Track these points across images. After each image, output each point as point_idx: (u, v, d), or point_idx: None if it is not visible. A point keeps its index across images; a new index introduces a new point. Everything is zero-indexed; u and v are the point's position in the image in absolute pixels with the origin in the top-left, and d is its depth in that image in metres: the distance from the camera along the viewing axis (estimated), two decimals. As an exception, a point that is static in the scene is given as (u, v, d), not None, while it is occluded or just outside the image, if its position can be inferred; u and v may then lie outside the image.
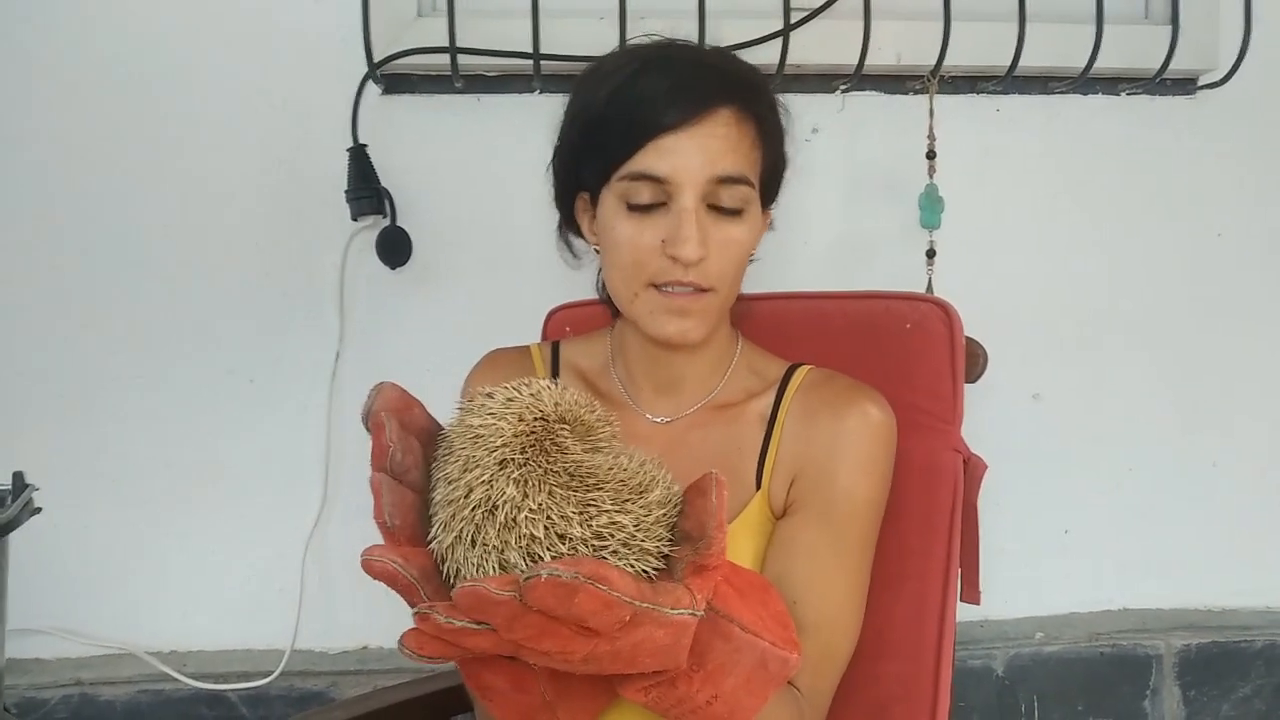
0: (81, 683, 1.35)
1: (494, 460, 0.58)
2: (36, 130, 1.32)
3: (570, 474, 0.59)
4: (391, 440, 0.60)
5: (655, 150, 0.78)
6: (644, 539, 0.59)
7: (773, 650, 0.63)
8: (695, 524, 0.59)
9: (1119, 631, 1.48)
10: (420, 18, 1.32)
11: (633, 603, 0.53)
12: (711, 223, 0.80)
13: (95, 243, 1.34)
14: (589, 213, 0.87)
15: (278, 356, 1.37)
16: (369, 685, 1.34)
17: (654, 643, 0.56)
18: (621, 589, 0.53)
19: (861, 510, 0.83)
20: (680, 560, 0.59)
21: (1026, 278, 1.44)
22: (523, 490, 0.57)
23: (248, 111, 1.34)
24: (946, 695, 0.91)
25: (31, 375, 1.34)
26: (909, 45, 1.34)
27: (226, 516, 1.38)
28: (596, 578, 0.52)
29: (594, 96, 0.82)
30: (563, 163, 0.88)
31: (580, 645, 0.54)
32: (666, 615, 0.55)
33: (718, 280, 0.81)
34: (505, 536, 0.56)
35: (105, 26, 1.31)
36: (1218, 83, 1.40)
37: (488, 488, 0.57)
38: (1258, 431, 1.50)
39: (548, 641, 0.54)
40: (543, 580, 0.51)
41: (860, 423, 0.84)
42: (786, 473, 0.85)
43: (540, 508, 0.57)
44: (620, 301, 0.85)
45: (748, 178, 0.81)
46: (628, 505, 0.59)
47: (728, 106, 0.80)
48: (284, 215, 1.35)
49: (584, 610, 0.52)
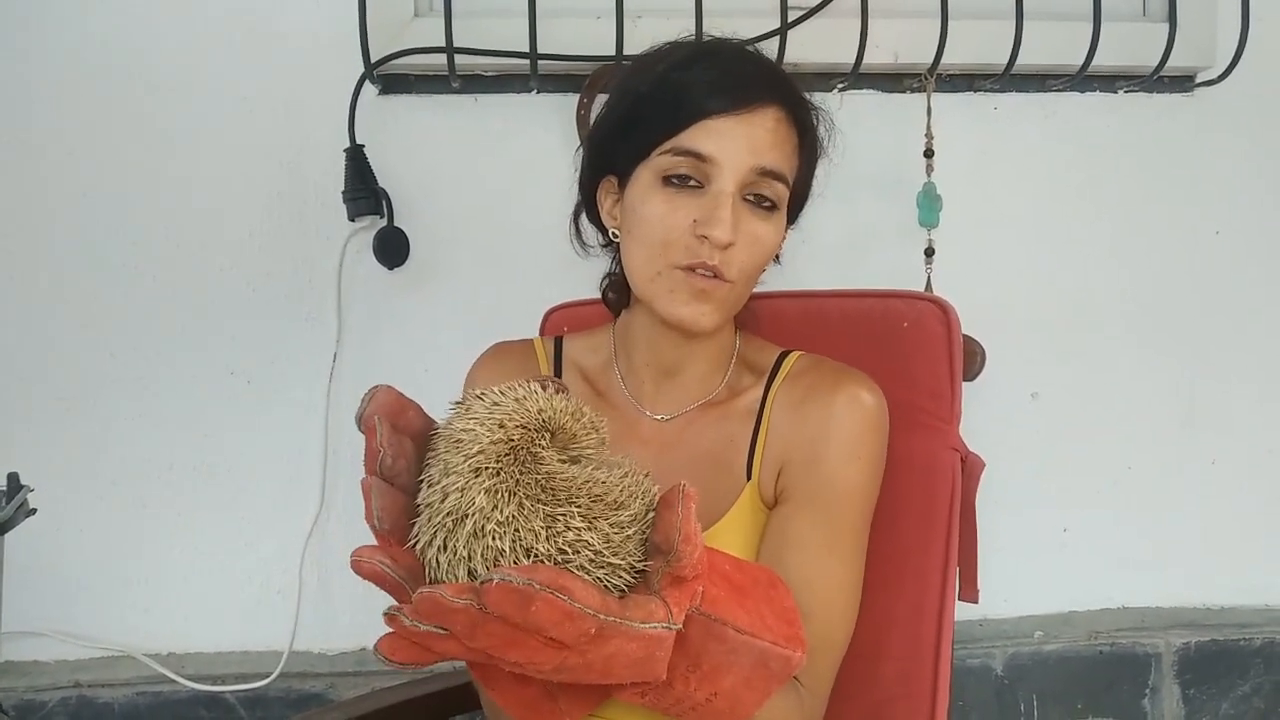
0: (80, 685, 1.35)
1: (469, 468, 0.58)
2: (35, 132, 1.32)
3: (543, 486, 0.58)
4: (382, 445, 0.60)
5: (703, 130, 0.79)
6: (611, 556, 0.58)
7: (773, 649, 0.63)
8: (664, 538, 0.59)
9: (1118, 630, 1.48)
10: (417, 18, 1.32)
11: (596, 615, 0.53)
12: (744, 214, 0.81)
13: (93, 243, 1.33)
14: (614, 195, 0.87)
15: (275, 357, 1.37)
16: (367, 686, 1.34)
17: (627, 656, 0.56)
18: (583, 600, 0.53)
19: (852, 495, 0.83)
20: (655, 573, 0.59)
21: (1025, 276, 1.44)
22: (493, 501, 0.57)
23: (245, 112, 1.34)
24: (945, 694, 0.91)
25: (29, 375, 1.34)
26: (906, 44, 1.34)
27: (224, 517, 1.38)
28: (556, 587, 0.52)
29: (643, 78, 0.83)
30: (599, 140, 0.88)
31: (548, 657, 0.54)
32: (637, 629, 0.55)
33: (739, 273, 0.81)
34: (473, 546, 0.56)
35: (104, 29, 1.31)
36: (1215, 80, 1.40)
37: (460, 495, 0.57)
38: (1256, 429, 1.50)
39: (514, 652, 0.54)
40: (494, 585, 0.51)
41: (848, 407, 0.84)
42: (775, 462, 0.85)
43: (508, 520, 0.57)
44: (638, 280, 0.84)
45: (786, 177, 0.82)
46: (597, 522, 0.58)
47: (776, 105, 0.81)
48: (281, 216, 1.35)
49: (543, 619, 0.52)
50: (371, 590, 0.58)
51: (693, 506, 0.58)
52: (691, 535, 0.58)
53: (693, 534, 0.58)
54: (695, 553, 0.58)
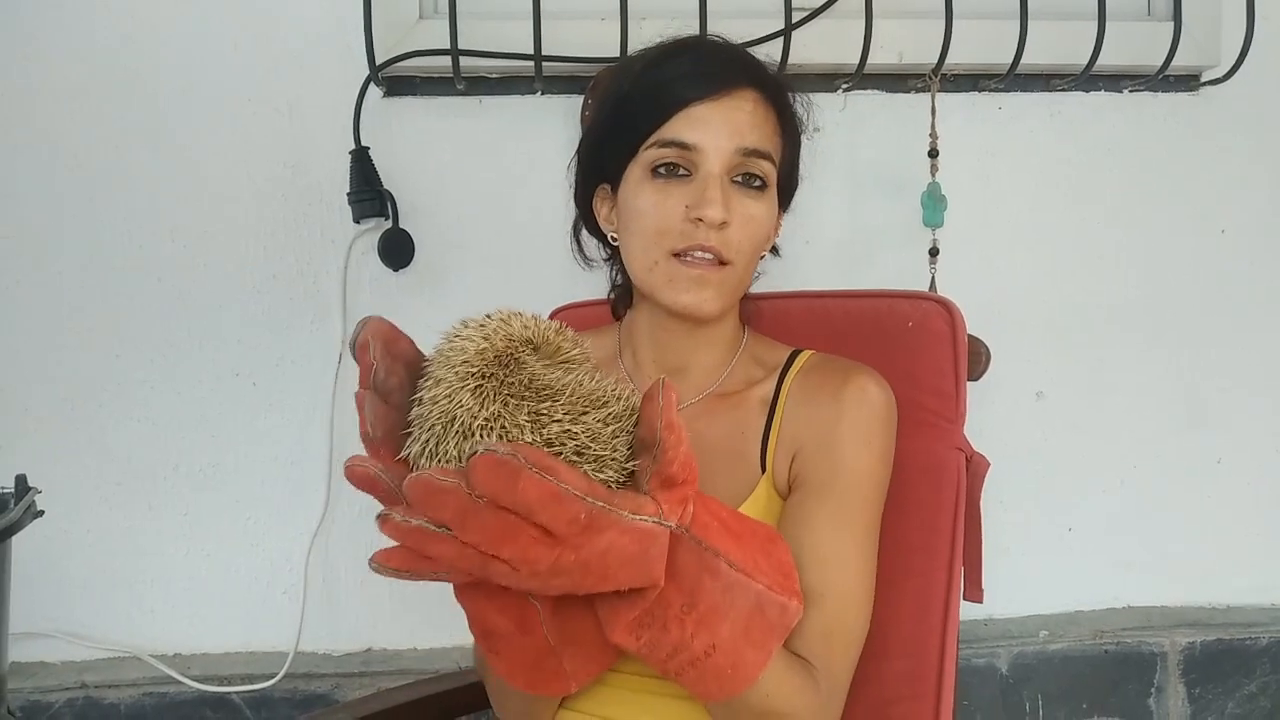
0: (86, 686, 1.35)
1: (455, 375, 0.60)
2: (41, 135, 1.32)
3: (526, 386, 0.60)
4: (375, 359, 0.62)
5: (684, 119, 0.81)
6: (598, 449, 0.59)
7: (769, 594, 0.63)
8: (648, 429, 0.59)
9: (1123, 629, 1.48)
10: (422, 20, 1.32)
11: (583, 498, 0.54)
12: (735, 195, 0.83)
13: (100, 246, 1.34)
14: (609, 202, 0.89)
15: (281, 359, 1.37)
16: (373, 687, 1.34)
17: (621, 551, 0.56)
18: (569, 481, 0.54)
19: (863, 482, 0.83)
20: (644, 472, 0.59)
21: (1029, 275, 1.44)
22: (479, 401, 0.59)
23: (250, 115, 1.34)
24: (950, 694, 0.91)
25: (35, 377, 1.35)
26: (911, 44, 1.34)
27: (230, 519, 1.38)
28: (542, 467, 0.53)
29: (622, 81, 0.86)
30: (588, 151, 0.91)
31: (543, 553, 0.54)
32: (628, 520, 0.56)
33: (736, 253, 0.83)
34: (461, 446, 0.58)
35: (109, 31, 1.32)
36: (1220, 79, 1.40)
37: (448, 400, 0.59)
38: (1261, 428, 1.50)
39: (507, 547, 0.54)
40: (480, 456, 0.52)
41: (857, 398, 0.85)
42: (788, 452, 0.86)
43: (494, 416, 0.58)
44: (638, 273, 0.85)
45: (770, 154, 0.84)
46: (582, 417, 0.60)
47: (752, 88, 0.84)
48: (287, 218, 1.35)
49: (530, 498, 0.52)
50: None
51: (673, 397, 0.59)
52: (674, 424, 0.58)
53: (675, 423, 0.58)
54: (680, 446, 0.59)
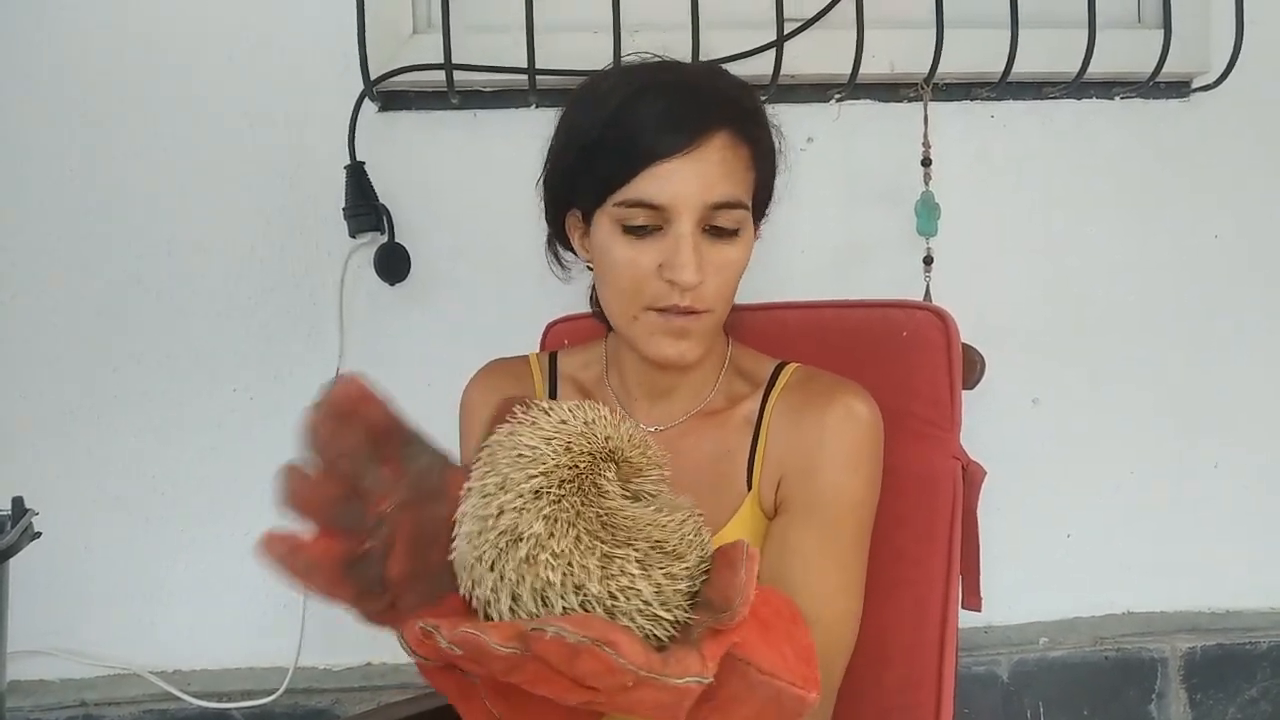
0: (85, 703, 1.35)
1: (530, 489, 0.56)
2: (36, 149, 1.33)
3: (603, 523, 0.57)
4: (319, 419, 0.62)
5: (652, 177, 0.78)
6: (660, 608, 0.56)
7: (790, 690, 0.62)
8: (720, 595, 0.57)
9: (1123, 635, 1.48)
10: (416, 34, 1.33)
11: (638, 671, 0.52)
12: (708, 246, 0.80)
13: (95, 261, 1.34)
14: (581, 228, 0.87)
15: (277, 372, 1.37)
16: (373, 701, 1.34)
17: (654, 701, 0.55)
18: (629, 656, 0.51)
19: (851, 506, 0.83)
20: (699, 625, 0.57)
21: (1024, 283, 1.44)
22: (549, 529, 0.55)
23: (246, 130, 1.34)
24: (950, 702, 0.91)
25: (32, 391, 1.35)
26: (902, 53, 1.34)
27: (228, 533, 1.38)
28: (605, 641, 0.51)
29: (589, 119, 0.82)
30: (555, 181, 0.88)
31: (577, 695, 0.53)
32: (670, 684, 0.54)
33: (714, 301, 0.82)
34: (522, 572, 0.55)
35: (104, 45, 1.32)
36: (1211, 85, 1.41)
37: (517, 515, 0.56)
38: (1258, 432, 1.50)
39: (544, 687, 0.53)
40: (548, 637, 0.50)
41: (843, 418, 0.84)
42: (774, 473, 0.86)
43: (563, 553, 0.55)
44: (618, 322, 0.85)
45: (743, 201, 0.82)
46: (652, 571, 0.57)
47: (723, 131, 0.80)
48: (283, 233, 1.36)
49: (585, 670, 0.51)
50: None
51: (755, 568, 0.57)
52: (750, 597, 0.56)
53: (750, 596, 0.56)
54: (746, 611, 0.57)
